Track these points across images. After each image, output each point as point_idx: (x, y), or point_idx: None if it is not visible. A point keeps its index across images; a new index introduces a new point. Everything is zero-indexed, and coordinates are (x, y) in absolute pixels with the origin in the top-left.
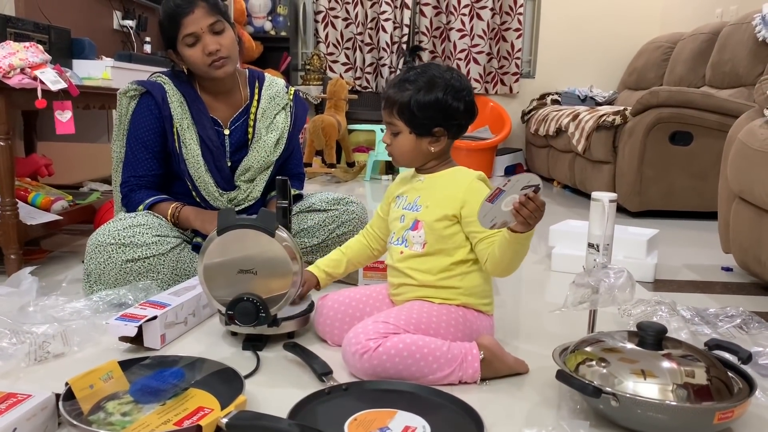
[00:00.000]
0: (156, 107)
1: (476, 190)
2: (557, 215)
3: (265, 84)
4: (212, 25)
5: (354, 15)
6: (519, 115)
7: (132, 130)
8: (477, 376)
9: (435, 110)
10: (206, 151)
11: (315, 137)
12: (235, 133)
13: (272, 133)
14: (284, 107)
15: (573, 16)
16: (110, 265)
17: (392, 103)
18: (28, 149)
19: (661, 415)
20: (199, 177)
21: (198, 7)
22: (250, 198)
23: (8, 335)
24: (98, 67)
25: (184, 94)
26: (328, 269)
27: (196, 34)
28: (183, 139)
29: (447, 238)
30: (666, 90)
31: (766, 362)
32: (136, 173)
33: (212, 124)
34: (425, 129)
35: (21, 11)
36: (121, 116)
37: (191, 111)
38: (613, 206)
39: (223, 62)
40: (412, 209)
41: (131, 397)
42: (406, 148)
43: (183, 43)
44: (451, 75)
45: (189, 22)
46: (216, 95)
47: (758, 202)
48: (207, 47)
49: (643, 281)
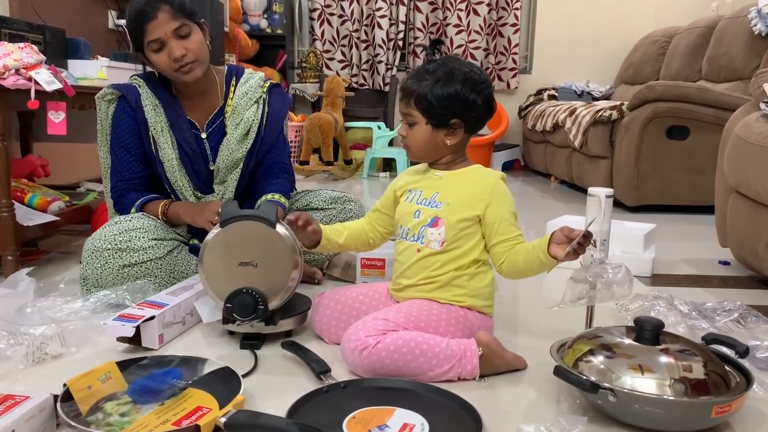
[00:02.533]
0: (131, 110)
1: (501, 191)
2: (555, 210)
3: (241, 80)
4: (177, 29)
5: (350, 12)
6: (516, 111)
7: (113, 135)
8: (476, 373)
9: (453, 101)
10: (183, 154)
11: (312, 135)
12: (213, 136)
13: (240, 129)
14: (257, 101)
15: (569, 11)
16: (107, 271)
17: (410, 94)
18: (24, 150)
19: (658, 410)
20: (175, 180)
21: (161, 11)
22: (224, 200)
23: (6, 337)
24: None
25: (158, 97)
26: (329, 233)
27: (161, 39)
28: (159, 142)
29: (467, 237)
30: (662, 84)
31: (764, 356)
32: (122, 177)
33: (189, 126)
34: (442, 120)
35: (15, 11)
36: (102, 120)
37: (167, 114)
38: (609, 201)
39: (190, 67)
40: (431, 205)
41: (129, 397)
42: (421, 140)
43: (149, 48)
44: (470, 68)
45: (152, 28)
46: (191, 97)
47: (755, 196)
48: (173, 53)
49: (641, 276)
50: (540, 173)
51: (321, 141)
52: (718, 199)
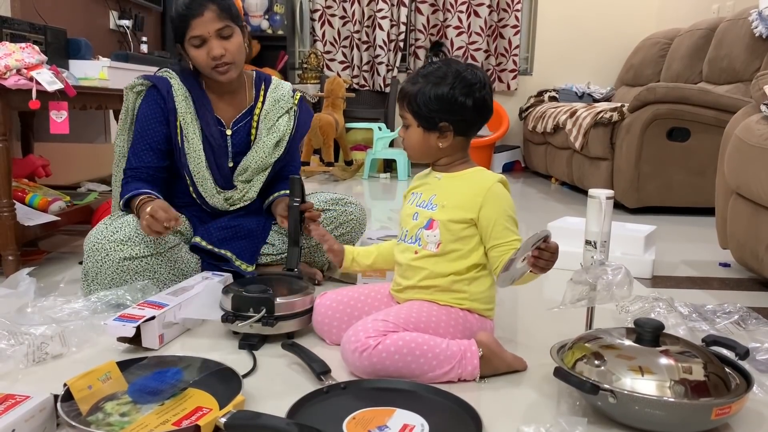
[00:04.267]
0: (161, 100)
1: (496, 194)
2: (555, 212)
3: (271, 86)
4: (220, 30)
5: (351, 13)
6: (517, 112)
7: (137, 123)
8: (476, 373)
9: (440, 104)
10: (208, 147)
11: (313, 136)
12: (238, 134)
13: (273, 135)
14: (288, 111)
15: (570, 12)
16: (107, 263)
17: (403, 96)
18: (25, 150)
19: (658, 412)
20: (198, 172)
21: (208, 10)
22: (246, 198)
23: (6, 336)
24: (95, 67)
25: (189, 90)
26: (356, 255)
27: (203, 37)
28: (186, 132)
29: (464, 239)
30: (663, 86)
31: (764, 358)
32: (131, 165)
33: (216, 122)
34: (431, 123)
35: (17, 12)
36: (127, 111)
37: (196, 107)
38: (610, 203)
39: (227, 68)
40: (427, 207)
41: (130, 397)
42: (414, 142)
43: (189, 43)
44: (465, 69)
45: (197, 24)
46: (221, 95)
47: (755, 198)
48: (212, 51)
49: (641, 277)
50: (540, 175)
51: (322, 142)
52: (718, 200)
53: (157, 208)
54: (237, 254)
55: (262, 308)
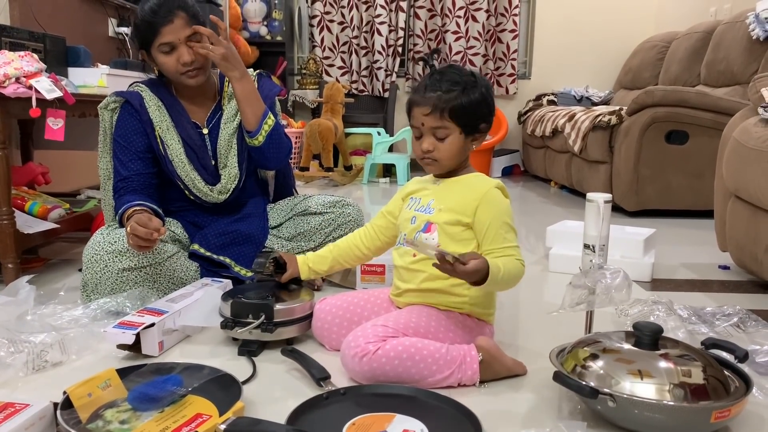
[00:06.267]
0: (136, 113)
1: (492, 198)
2: (554, 216)
3: None
4: (190, 36)
5: (349, 19)
6: (515, 116)
7: (115, 137)
8: (476, 378)
9: (481, 106)
10: (189, 150)
11: (312, 141)
12: (214, 131)
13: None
14: None
15: (568, 16)
16: (107, 275)
17: (442, 108)
18: (25, 158)
19: (658, 415)
20: (186, 175)
21: (177, 17)
22: (232, 176)
23: (6, 344)
24: (94, 74)
25: (161, 99)
26: (312, 263)
27: (173, 43)
28: (165, 140)
29: (462, 243)
30: (661, 89)
31: (763, 360)
32: (120, 176)
33: (192, 125)
34: (474, 127)
35: (16, 20)
36: (105, 130)
37: (170, 114)
38: (608, 207)
39: (196, 73)
40: (425, 211)
41: (129, 404)
42: (455, 150)
43: (158, 50)
44: (470, 71)
45: (167, 32)
46: (192, 98)
47: (754, 200)
48: (182, 58)
49: (641, 281)
50: (540, 178)
51: (321, 147)
52: (717, 203)
53: (136, 225)
54: (236, 260)
55: (262, 314)
